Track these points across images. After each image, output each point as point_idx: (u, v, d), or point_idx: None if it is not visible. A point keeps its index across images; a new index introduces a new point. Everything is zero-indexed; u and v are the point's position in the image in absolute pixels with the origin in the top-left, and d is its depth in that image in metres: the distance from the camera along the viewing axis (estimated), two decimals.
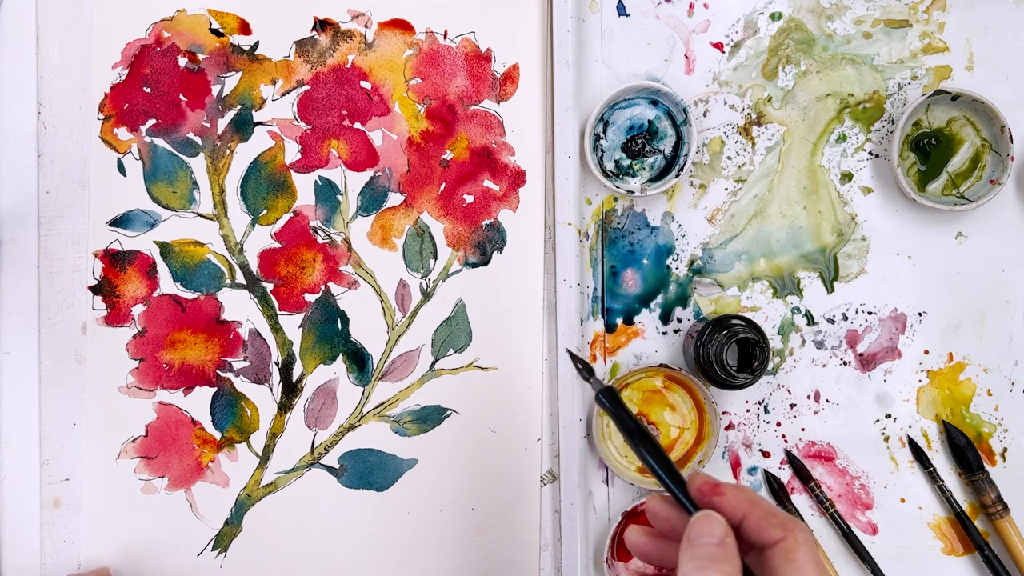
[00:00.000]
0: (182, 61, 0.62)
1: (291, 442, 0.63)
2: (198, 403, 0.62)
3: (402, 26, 0.64)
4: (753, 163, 0.65)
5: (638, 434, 0.41)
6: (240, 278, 0.63)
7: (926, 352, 0.65)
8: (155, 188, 0.62)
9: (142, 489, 0.62)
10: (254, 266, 0.63)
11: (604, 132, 0.64)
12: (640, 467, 0.63)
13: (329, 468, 0.63)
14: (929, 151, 0.64)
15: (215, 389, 0.62)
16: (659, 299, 0.65)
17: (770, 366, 0.65)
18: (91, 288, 0.62)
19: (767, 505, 0.39)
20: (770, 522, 0.38)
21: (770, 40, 0.65)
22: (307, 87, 0.63)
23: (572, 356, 0.46)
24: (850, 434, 0.65)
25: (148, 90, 0.62)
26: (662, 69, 0.65)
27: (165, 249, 0.62)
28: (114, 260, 0.62)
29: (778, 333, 0.65)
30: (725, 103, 0.65)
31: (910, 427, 0.65)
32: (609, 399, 0.42)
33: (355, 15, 0.63)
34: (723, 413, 0.65)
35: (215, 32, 0.63)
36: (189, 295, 0.62)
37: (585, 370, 0.44)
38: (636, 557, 0.41)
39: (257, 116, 0.63)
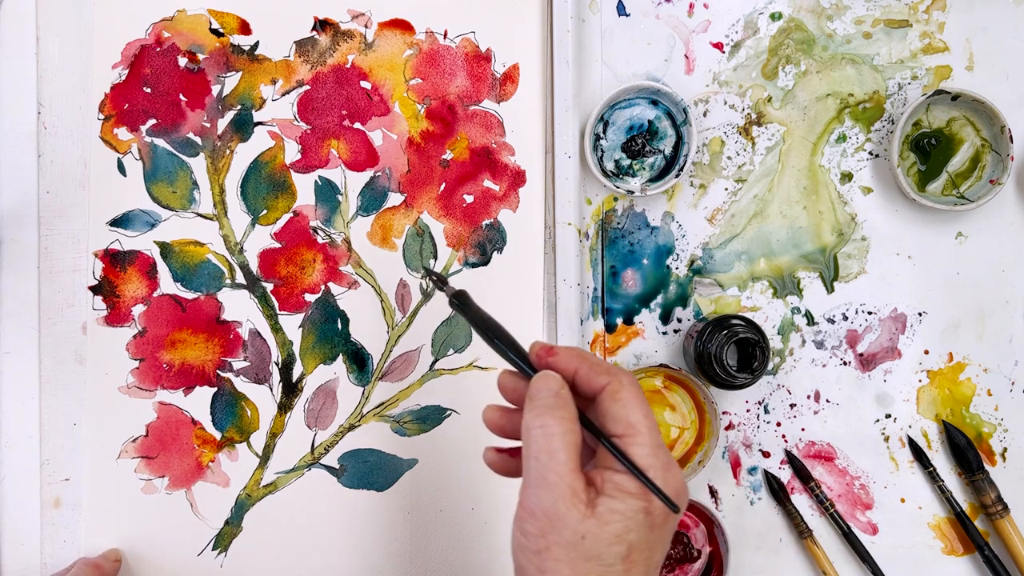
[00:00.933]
0: (182, 61, 0.62)
1: (291, 442, 0.63)
2: (198, 403, 0.62)
3: (402, 26, 0.64)
4: (753, 163, 0.65)
5: (484, 325, 0.46)
6: (240, 278, 0.63)
7: (926, 352, 0.65)
8: (155, 188, 0.62)
9: (142, 489, 0.62)
10: (254, 266, 0.63)
11: (604, 132, 0.64)
12: None
13: (329, 468, 0.63)
14: (929, 151, 0.64)
15: (215, 389, 0.62)
16: (659, 299, 0.65)
17: (770, 366, 0.65)
18: (91, 288, 0.62)
19: (594, 359, 0.43)
20: (597, 371, 0.42)
21: (770, 40, 0.65)
22: (307, 87, 0.63)
23: (427, 271, 0.51)
24: (850, 434, 0.65)
25: (148, 90, 0.62)
26: (662, 69, 0.65)
27: (165, 249, 0.62)
28: (114, 260, 0.62)
29: (778, 333, 0.65)
30: (725, 103, 0.65)
31: (910, 427, 0.65)
32: (460, 301, 0.47)
33: (355, 15, 0.63)
34: (723, 413, 0.65)
35: (215, 32, 0.63)
36: (189, 295, 0.62)
37: (440, 281, 0.48)
38: (493, 433, 0.45)
39: (257, 116, 0.63)
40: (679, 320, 0.65)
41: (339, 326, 0.63)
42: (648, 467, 0.40)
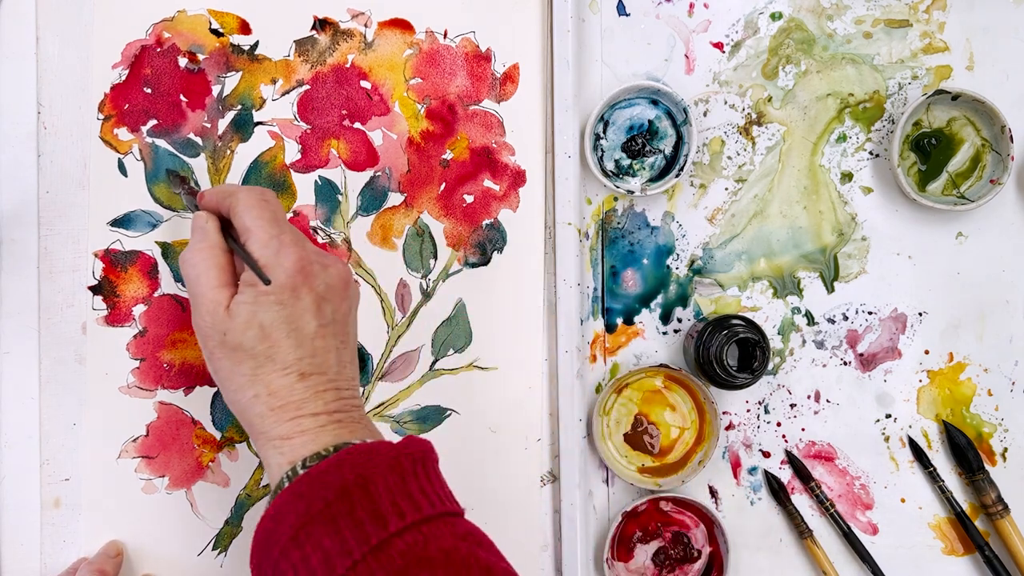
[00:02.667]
0: (182, 61, 0.62)
1: None
2: (199, 403, 0.62)
3: (402, 26, 0.64)
4: (753, 163, 0.65)
5: (180, 188, 0.57)
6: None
7: (926, 352, 0.65)
8: (156, 188, 0.62)
9: (142, 489, 0.62)
10: None
11: (604, 132, 0.64)
12: (640, 467, 0.64)
13: None
14: (929, 151, 0.64)
15: (215, 389, 0.62)
16: (659, 299, 0.65)
17: (770, 366, 0.65)
18: (91, 288, 0.62)
19: (225, 187, 0.52)
20: (222, 196, 0.50)
21: (770, 40, 0.65)
22: (307, 87, 0.63)
23: (169, 173, 0.60)
24: (850, 434, 0.65)
25: (148, 90, 0.62)
26: (662, 69, 0.65)
27: (167, 249, 0.62)
28: (114, 260, 0.62)
29: (778, 333, 0.65)
30: (725, 103, 0.65)
31: (910, 427, 0.65)
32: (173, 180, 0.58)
33: (355, 14, 0.63)
34: (723, 413, 0.65)
35: (215, 32, 0.63)
36: None
37: (179, 179, 0.59)
38: None
39: (257, 116, 0.63)
40: (679, 320, 0.65)
41: None
42: (259, 259, 0.47)
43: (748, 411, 0.65)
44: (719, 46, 0.65)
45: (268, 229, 0.48)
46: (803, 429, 0.65)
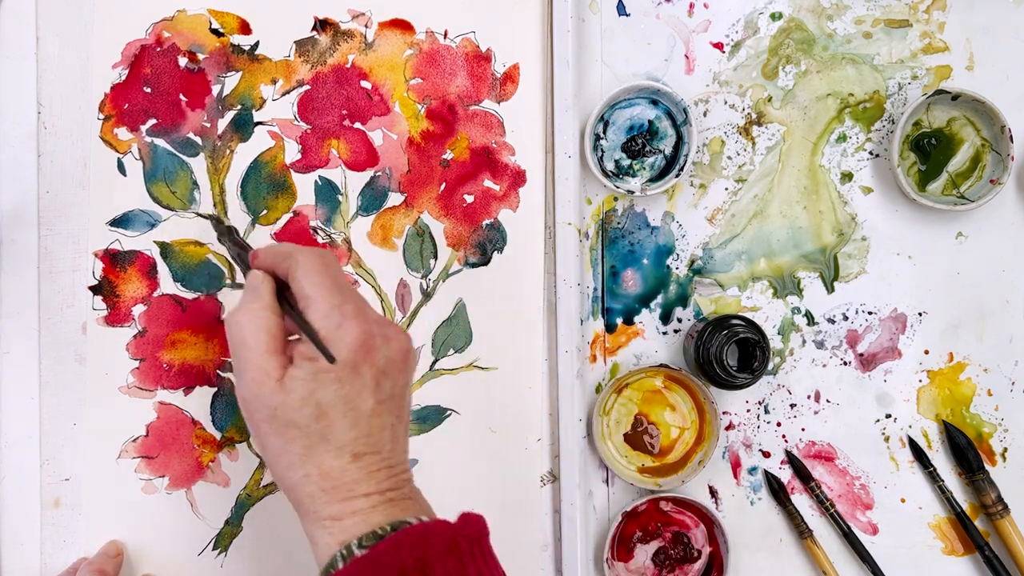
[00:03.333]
0: (182, 61, 0.62)
1: None
2: (198, 403, 0.62)
3: (402, 26, 0.64)
4: (753, 163, 0.65)
5: (227, 238, 0.54)
6: (240, 278, 0.63)
7: (926, 352, 0.65)
8: (155, 188, 0.62)
9: (142, 489, 0.62)
10: None
11: (604, 132, 0.64)
12: (640, 467, 0.64)
13: None
14: (929, 151, 0.64)
15: (215, 389, 0.62)
16: (659, 299, 0.65)
17: (770, 366, 0.65)
18: (91, 288, 0.62)
19: (282, 247, 0.47)
20: (280, 257, 0.46)
21: (770, 40, 0.65)
22: (307, 87, 0.63)
23: (211, 219, 0.58)
24: (850, 434, 0.65)
25: (148, 90, 0.62)
26: (662, 69, 0.65)
27: (165, 249, 0.62)
28: (114, 260, 0.62)
29: (778, 333, 0.65)
30: (725, 103, 0.65)
31: (910, 427, 0.65)
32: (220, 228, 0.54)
33: (355, 15, 0.63)
34: (723, 413, 0.65)
35: (215, 32, 0.63)
36: (189, 295, 0.62)
37: (216, 221, 0.57)
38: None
39: (257, 116, 0.63)
40: (679, 320, 0.65)
41: None
42: (320, 329, 0.43)
43: (748, 411, 0.65)
44: (719, 46, 0.65)
45: (330, 298, 0.44)
46: (803, 429, 0.65)
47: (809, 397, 0.65)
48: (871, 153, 0.65)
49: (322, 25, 0.63)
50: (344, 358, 0.43)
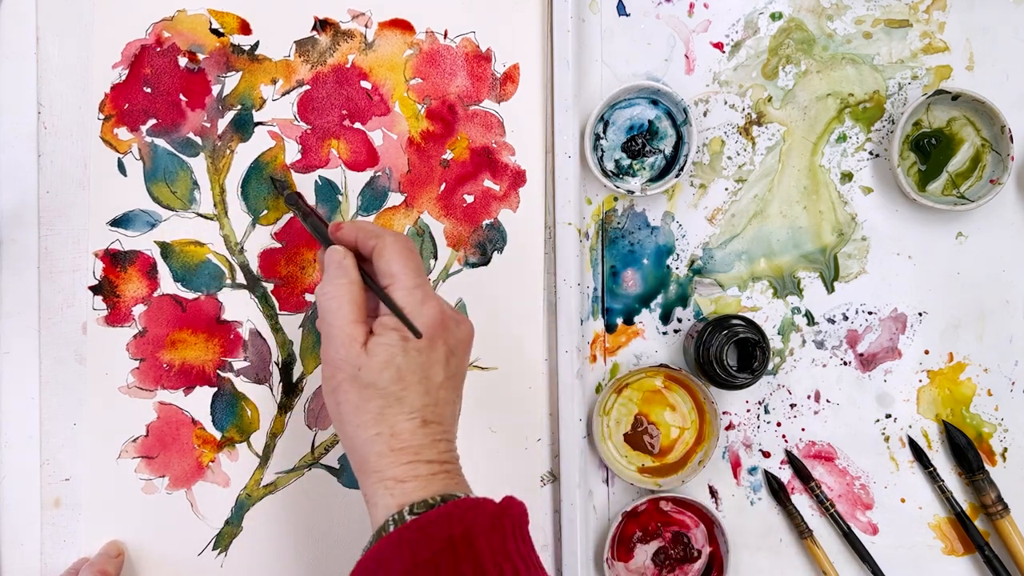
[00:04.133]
0: (182, 61, 0.62)
1: (291, 442, 0.62)
2: (198, 403, 0.62)
3: (402, 26, 0.64)
4: (753, 163, 0.65)
5: (305, 212, 0.54)
6: (240, 278, 0.63)
7: (926, 352, 0.65)
8: (155, 188, 0.62)
9: (142, 489, 0.62)
10: (254, 266, 0.63)
11: (604, 132, 0.64)
12: (640, 467, 0.64)
13: (329, 468, 0.63)
14: (929, 151, 0.64)
15: (215, 389, 0.62)
16: (659, 299, 0.65)
17: (770, 366, 0.65)
18: (91, 288, 0.62)
19: (368, 226, 0.51)
20: (368, 236, 0.50)
21: (770, 40, 0.65)
22: (307, 87, 0.63)
23: (275, 182, 0.59)
24: (850, 434, 0.65)
25: (148, 90, 0.62)
26: (662, 69, 0.65)
27: (166, 249, 0.62)
28: (114, 260, 0.62)
29: (778, 333, 0.65)
30: (725, 103, 0.65)
31: (910, 427, 0.65)
32: (292, 201, 0.55)
33: (355, 15, 0.63)
34: (723, 413, 0.65)
35: (215, 32, 0.63)
36: (189, 295, 0.62)
37: (281, 185, 0.59)
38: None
39: (257, 116, 0.63)
40: (679, 320, 0.65)
41: None
42: (403, 305, 0.47)
43: (748, 411, 0.65)
44: (719, 46, 0.65)
45: (414, 278, 0.48)
46: (803, 429, 0.65)
47: (809, 397, 0.65)
48: (871, 153, 0.65)
49: (322, 25, 0.63)
50: (424, 332, 0.47)
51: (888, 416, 0.65)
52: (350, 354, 0.47)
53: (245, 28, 0.63)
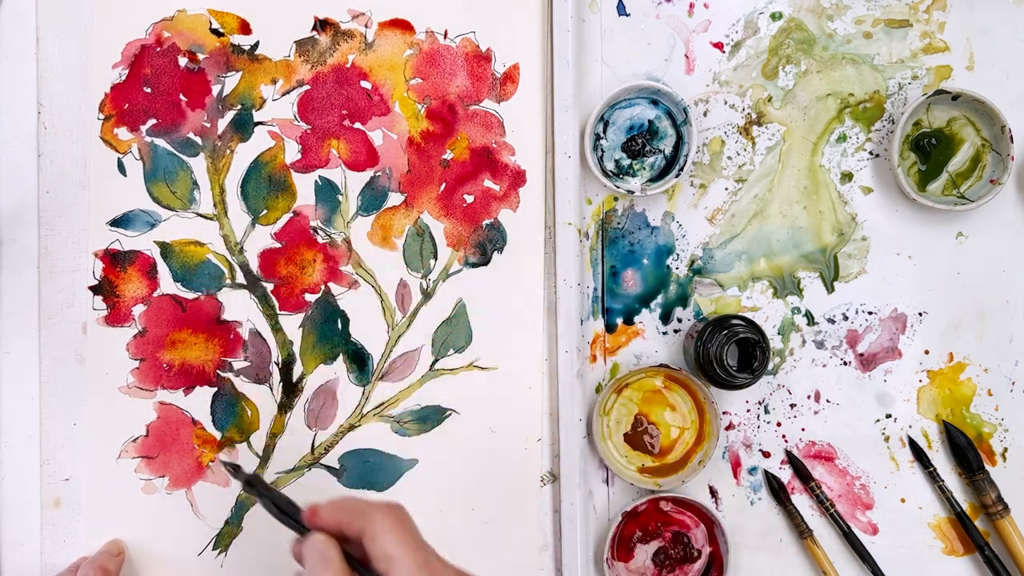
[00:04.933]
0: (182, 61, 0.62)
1: (291, 442, 0.63)
2: (198, 403, 0.62)
3: (402, 26, 0.64)
4: (753, 163, 0.65)
5: (271, 499, 0.47)
6: (240, 278, 0.63)
7: (926, 352, 0.65)
8: (155, 188, 0.62)
9: (142, 489, 0.62)
10: (254, 266, 0.63)
11: (604, 132, 0.64)
12: (640, 467, 0.64)
13: (329, 468, 0.63)
14: (929, 151, 0.64)
15: (215, 389, 0.62)
16: (659, 299, 0.65)
17: (770, 366, 0.65)
18: (91, 288, 0.62)
19: (352, 505, 0.45)
20: (354, 518, 0.44)
21: (770, 40, 0.65)
22: (307, 87, 0.63)
23: (225, 464, 0.50)
24: (850, 434, 0.65)
25: (148, 90, 0.62)
26: (662, 69, 0.65)
27: (165, 249, 0.62)
28: (114, 260, 0.62)
29: (778, 333, 0.65)
30: (725, 103, 0.65)
31: (910, 427, 0.65)
32: (251, 484, 0.48)
33: (355, 15, 0.63)
34: (723, 413, 0.65)
35: (215, 32, 0.63)
36: (189, 295, 0.62)
37: (234, 468, 0.49)
38: None
39: (257, 116, 0.63)
40: (679, 320, 0.65)
41: (339, 326, 0.63)
42: None
43: (748, 411, 0.65)
44: (719, 46, 0.65)
45: (415, 558, 0.43)
46: (803, 429, 0.65)
47: (809, 397, 0.65)
48: (871, 153, 0.65)
49: (322, 25, 0.63)
50: None
51: (888, 416, 0.65)
52: None
53: (245, 28, 0.63)
